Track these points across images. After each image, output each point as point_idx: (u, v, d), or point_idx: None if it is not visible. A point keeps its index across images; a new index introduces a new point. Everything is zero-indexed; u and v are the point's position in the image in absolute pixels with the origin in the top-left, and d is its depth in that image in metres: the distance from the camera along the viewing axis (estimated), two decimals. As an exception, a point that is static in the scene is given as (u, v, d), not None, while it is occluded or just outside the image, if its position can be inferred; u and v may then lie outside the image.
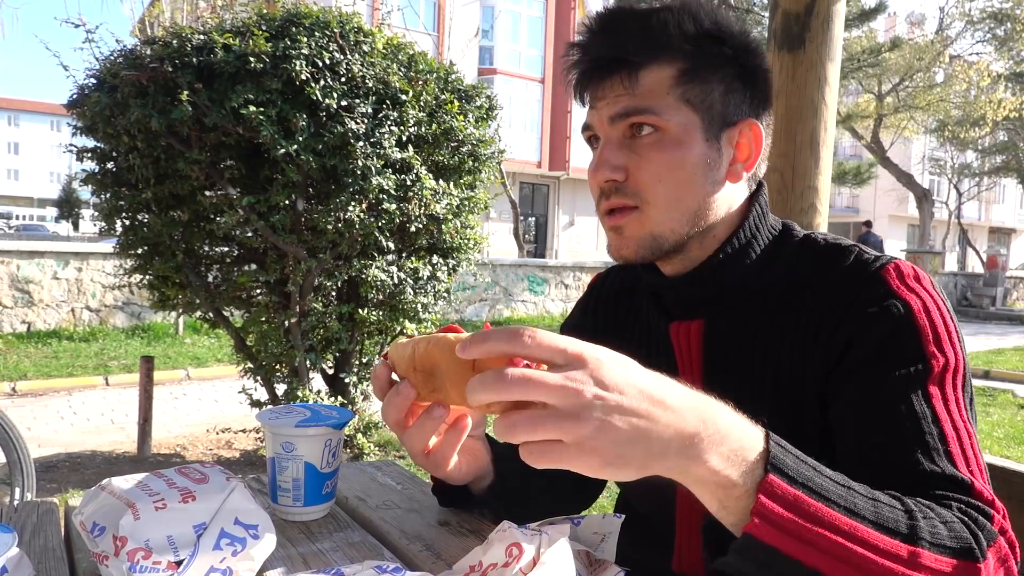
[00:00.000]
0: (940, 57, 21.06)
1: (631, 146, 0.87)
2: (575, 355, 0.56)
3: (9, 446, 3.03)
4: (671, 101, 0.86)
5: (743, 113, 0.89)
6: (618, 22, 0.88)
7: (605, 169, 0.87)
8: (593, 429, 0.54)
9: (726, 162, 0.89)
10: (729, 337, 0.90)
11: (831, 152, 2.04)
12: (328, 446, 0.96)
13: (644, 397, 0.56)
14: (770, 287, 0.90)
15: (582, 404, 0.54)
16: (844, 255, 0.86)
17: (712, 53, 0.87)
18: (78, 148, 4.04)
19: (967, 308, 17.70)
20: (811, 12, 1.97)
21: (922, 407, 0.75)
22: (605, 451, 0.55)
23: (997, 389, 7.56)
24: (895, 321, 0.79)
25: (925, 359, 0.77)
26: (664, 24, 0.86)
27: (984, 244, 41.43)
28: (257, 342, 4.29)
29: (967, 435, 0.75)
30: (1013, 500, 1.00)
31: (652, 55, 0.86)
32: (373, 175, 3.66)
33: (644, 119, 0.85)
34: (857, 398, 0.79)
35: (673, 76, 0.86)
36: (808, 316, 0.85)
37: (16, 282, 8.24)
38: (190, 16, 9.06)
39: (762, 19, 14.62)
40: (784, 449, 0.61)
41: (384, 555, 0.88)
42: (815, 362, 0.83)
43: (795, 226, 0.95)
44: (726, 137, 0.89)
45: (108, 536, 0.74)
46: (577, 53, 0.90)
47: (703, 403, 0.59)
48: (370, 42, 3.78)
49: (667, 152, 0.86)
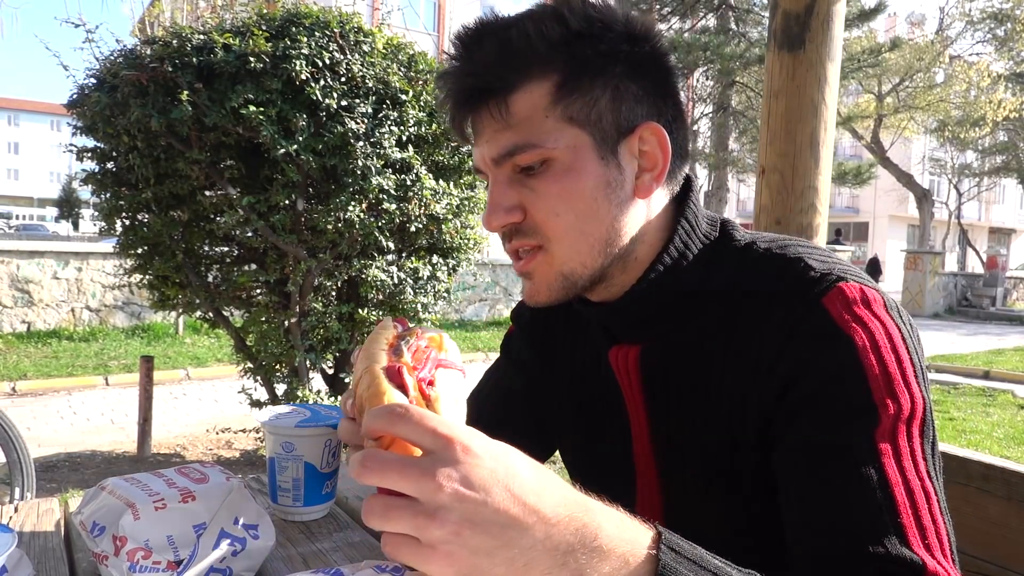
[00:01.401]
0: (940, 57, 21.06)
1: (523, 181, 0.77)
2: (444, 439, 0.49)
3: (9, 446, 3.03)
4: (552, 124, 0.75)
5: (639, 116, 0.78)
6: (477, 43, 0.77)
7: (499, 213, 0.78)
8: (448, 533, 0.48)
9: (630, 177, 0.78)
10: (668, 363, 0.82)
11: (831, 152, 2.04)
12: (328, 446, 0.96)
13: (513, 500, 0.49)
14: (709, 308, 0.80)
15: (437, 503, 0.48)
16: (786, 271, 0.76)
17: (588, 56, 0.75)
18: (78, 148, 4.04)
19: (967, 308, 17.70)
20: (811, 12, 1.97)
21: (869, 470, 0.66)
22: (462, 560, 0.49)
23: (997, 389, 7.56)
24: (839, 361, 0.69)
25: (873, 407, 0.67)
26: (525, 36, 0.74)
27: (984, 244, 41.42)
28: (257, 342, 4.29)
29: (924, 497, 0.66)
30: (1013, 500, 1.00)
31: (519, 76, 0.74)
32: (373, 175, 3.66)
33: (529, 156, 0.75)
34: (798, 452, 0.71)
35: (548, 94, 0.74)
36: (748, 344, 0.76)
37: (16, 282, 8.24)
38: (190, 16, 9.05)
39: (762, 19, 14.62)
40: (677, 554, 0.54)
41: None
42: (754, 398, 0.75)
43: (736, 230, 0.84)
44: (624, 150, 0.77)
45: (108, 536, 0.74)
46: (443, 86, 0.79)
47: (584, 512, 0.51)
48: (370, 42, 3.78)
49: (559, 183, 0.75)
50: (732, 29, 15.07)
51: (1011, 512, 1.01)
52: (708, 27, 15.61)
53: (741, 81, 15.43)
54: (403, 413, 0.51)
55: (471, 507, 0.48)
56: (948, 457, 1.07)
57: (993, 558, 1.02)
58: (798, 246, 0.80)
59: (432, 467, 0.49)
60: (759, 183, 2.10)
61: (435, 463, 0.49)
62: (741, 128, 16.65)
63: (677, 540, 0.55)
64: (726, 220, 0.86)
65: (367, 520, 0.50)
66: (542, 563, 0.50)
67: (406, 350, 0.67)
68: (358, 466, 0.50)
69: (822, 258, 0.77)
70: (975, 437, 5.61)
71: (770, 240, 0.82)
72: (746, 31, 15.19)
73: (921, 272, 16.70)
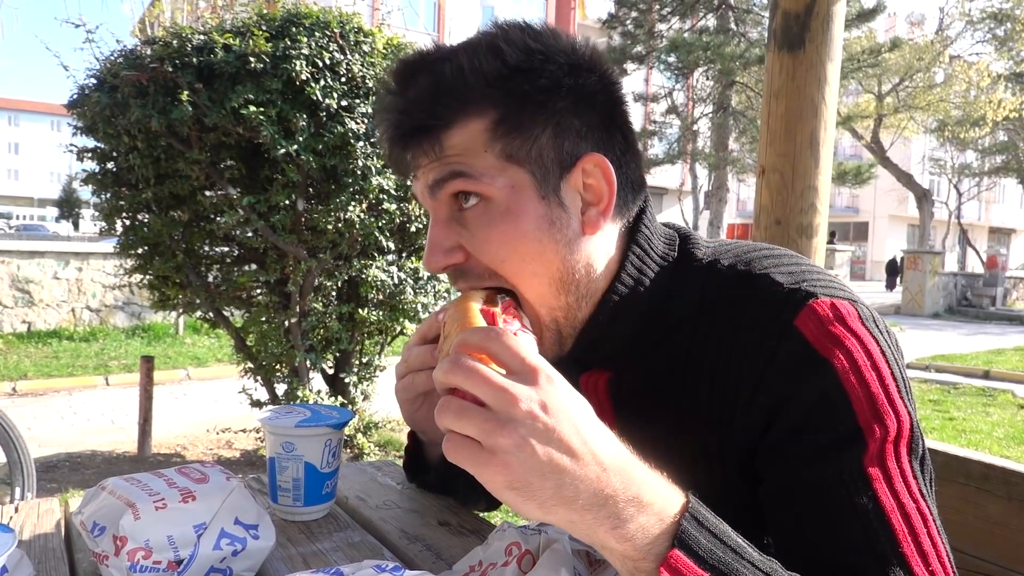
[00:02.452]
0: (940, 57, 21.08)
1: (461, 221, 0.73)
2: (531, 367, 0.54)
3: (9, 446, 3.03)
4: (491, 161, 0.71)
5: (582, 149, 0.73)
6: (410, 79, 0.73)
7: (438, 254, 0.74)
8: (512, 444, 0.52)
9: (576, 214, 0.74)
10: (636, 391, 0.80)
11: (831, 152, 2.04)
12: (328, 446, 0.96)
13: (577, 435, 0.54)
14: (675, 333, 0.77)
15: (511, 415, 0.52)
16: (753, 290, 0.73)
17: (526, 92, 0.71)
18: (78, 148, 4.04)
19: (967, 308, 17.70)
20: (811, 12, 1.97)
21: (862, 499, 0.65)
22: (515, 472, 0.52)
23: (997, 389, 7.56)
24: (821, 389, 0.67)
25: (859, 433, 0.66)
26: (459, 71, 0.70)
27: (984, 244, 41.43)
28: (257, 342, 4.30)
29: (920, 520, 0.65)
30: (1013, 500, 1.00)
31: (452, 113, 0.71)
32: (373, 175, 3.67)
33: (461, 184, 0.71)
34: (788, 486, 0.69)
35: (486, 131, 0.71)
36: (722, 372, 0.73)
37: (16, 282, 8.24)
38: (190, 16, 9.05)
39: (762, 19, 14.62)
40: (700, 524, 0.57)
41: (384, 555, 0.88)
42: (735, 428, 0.73)
43: (697, 247, 0.80)
44: (567, 186, 0.73)
45: (108, 536, 0.74)
46: (380, 121, 0.76)
47: (634, 467, 0.56)
48: (370, 42, 3.78)
49: (498, 227, 0.72)
50: (732, 29, 15.08)
51: (1011, 512, 1.01)
52: (708, 27, 15.62)
53: (741, 81, 15.44)
54: (499, 335, 0.55)
55: (540, 427, 0.52)
56: (948, 457, 1.07)
57: (993, 558, 1.02)
58: (763, 258, 0.76)
59: (515, 384, 0.53)
60: (759, 183, 2.10)
61: (519, 379, 0.54)
62: (741, 128, 16.66)
63: (703, 512, 0.58)
64: (686, 236, 0.82)
65: (439, 418, 0.54)
66: (585, 498, 0.54)
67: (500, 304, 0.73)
68: (448, 365, 0.55)
69: (788, 270, 0.74)
70: (975, 437, 5.61)
71: (733, 255, 0.78)
72: (746, 31, 15.20)
73: (921, 272, 16.71)
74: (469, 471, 0.54)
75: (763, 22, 14.61)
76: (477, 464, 0.53)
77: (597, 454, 0.54)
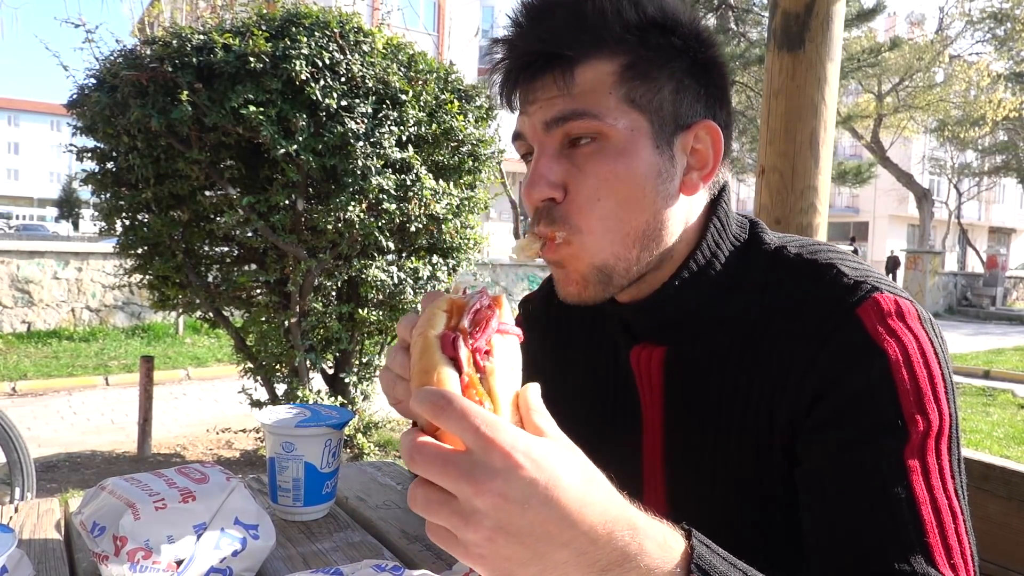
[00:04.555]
0: (940, 57, 21.06)
1: (570, 157, 0.75)
2: (487, 441, 0.47)
3: (9, 446, 3.03)
4: (613, 102, 0.73)
5: (698, 113, 0.77)
6: (548, 12, 0.75)
7: (541, 185, 0.75)
8: (481, 538, 0.47)
9: (680, 172, 0.77)
10: (693, 367, 0.80)
11: (831, 152, 2.04)
12: (328, 446, 0.96)
13: (550, 515, 0.47)
14: (739, 313, 0.79)
15: (474, 507, 0.47)
16: (819, 278, 0.75)
17: (658, 45, 0.75)
18: (78, 148, 4.04)
19: (967, 308, 17.70)
20: (811, 12, 1.97)
21: (897, 488, 0.66)
22: (492, 564, 0.49)
23: (997, 389, 7.56)
24: (871, 375, 0.68)
25: (903, 423, 0.67)
26: (602, 12, 0.73)
27: (984, 244, 41.41)
28: (257, 342, 4.30)
29: (950, 516, 0.66)
30: (1013, 500, 1.00)
31: (589, 49, 0.73)
32: (373, 175, 3.66)
33: (584, 125, 0.73)
34: (826, 467, 0.70)
35: (615, 73, 0.73)
36: (779, 353, 0.75)
37: (16, 282, 8.24)
38: (190, 16, 9.05)
39: (762, 19, 14.62)
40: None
41: (384, 555, 0.88)
42: (782, 407, 0.74)
43: (765, 232, 0.83)
44: (679, 143, 0.77)
45: (108, 536, 0.74)
46: (502, 50, 0.77)
47: (628, 531, 0.50)
48: (370, 42, 3.78)
49: (610, 164, 0.73)
50: (732, 29, 15.07)
51: (1011, 512, 1.01)
52: (708, 27, 15.60)
53: (741, 81, 15.43)
54: (446, 405, 0.48)
55: (506, 516, 0.47)
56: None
57: (993, 558, 1.02)
58: (828, 251, 0.78)
59: (472, 470, 0.47)
60: (759, 183, 2.10)
61: (475, 465, 0.47)
62: (741, 128, 16.65)
63: (708, 557, 0.54)
64: (755, 221, 0.85)
65: (411, 506, 0.51)
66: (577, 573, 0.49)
67: (468, 313, 0.62)
68: (406, 454, 0.50)
69: (854, 265, 0.76)
70: (975, 437, 5.61)
71: (799, 244, 0.80)
72: (746, 31, 15.19)
73: (921, 272, 16.71)
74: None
75: (763, 22, 14.61)
76: (459, 556, 0.49)
77: (580, 528, 0.48)
